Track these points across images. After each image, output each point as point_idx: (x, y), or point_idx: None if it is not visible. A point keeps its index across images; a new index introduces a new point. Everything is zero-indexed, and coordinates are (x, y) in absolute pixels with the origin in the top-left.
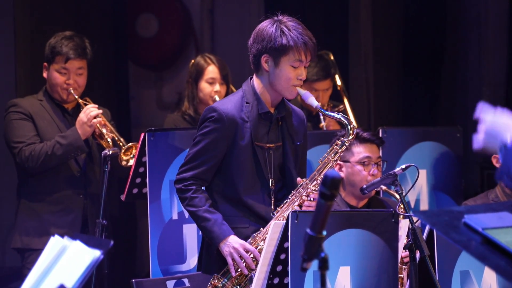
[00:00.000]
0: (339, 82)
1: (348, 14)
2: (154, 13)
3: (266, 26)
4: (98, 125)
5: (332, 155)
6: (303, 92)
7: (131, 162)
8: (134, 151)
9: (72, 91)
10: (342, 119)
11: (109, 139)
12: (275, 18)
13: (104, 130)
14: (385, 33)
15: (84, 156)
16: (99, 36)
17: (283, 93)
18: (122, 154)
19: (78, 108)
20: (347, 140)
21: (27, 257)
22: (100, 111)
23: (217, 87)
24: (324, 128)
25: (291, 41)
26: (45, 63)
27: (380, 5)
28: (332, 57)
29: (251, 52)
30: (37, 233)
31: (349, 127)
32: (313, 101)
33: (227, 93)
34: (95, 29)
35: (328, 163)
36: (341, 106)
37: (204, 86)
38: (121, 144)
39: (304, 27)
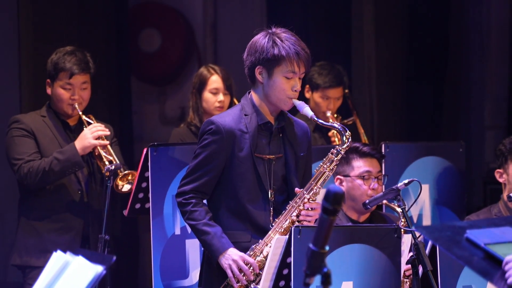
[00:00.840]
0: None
1: (351, 29)
2: (157, 28)
3: (259, 38)
4: (99, 148)
5: (328, 164)
6: (298, 102)
7: (126, 187)
8: (131, 177)
9: (77, 106)
10: (338, 127)
11: (106, 162)
12: (269, 30)
13: (103, 153)
14: (388, 48)
15: (85, 174)
16: (102, 51)
17: (278, 105)
18: (118, 179)
19: (80, 125)
20: (343, 149)
21: (28, 273)
22: (108, 132)
23: (220, 97)
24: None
25: (283, 51)
26: (48, 80)
27: (384, 20)
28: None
29: (246, 65)
30: (36, 250)
31: (344, 135)
32: (308, 111)
33: (231, 104)
34: (98, 44)
35: (324, 172)
36: (351, 119)
37: (207, 96)
38: (118, 170)
39: (297, 38)
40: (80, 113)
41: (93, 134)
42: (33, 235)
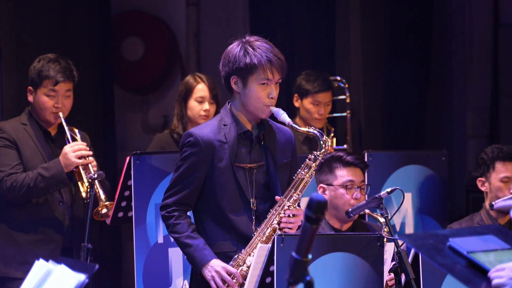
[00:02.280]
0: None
1: (335, 37)
2: (139, 36)
3: (232, 47)
4: (80, 166)
5: (306, 170)
6: (275, 109)
7: (104, 210)
8: (109, 205)
9: (60, 114)
10: (315, 132)
11: (86, 184)
12: (243, 39)
13: (83, 173)
14: (371, 56)
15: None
16: (85, 60)
17: (256, 113)
18: (99, 208)
19: (61, 134)
20: (320, 154)
21: (5, 283)
22: (90, 152)
23: (206, 105)
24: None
25: (254, 59)
26: (30, 87)
27: (368, 28)
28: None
29: (222, 76)
30: (15, 261)
31: (321, 140)
32: (285, 117)
33: (217, 113)
34: (81, 52)
35: (303, 178)
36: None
37: (193, 104)
38: (100, 197)
39: (271, 45)
40: (63, 121)
41: (75, 153)
42: (12, 245)
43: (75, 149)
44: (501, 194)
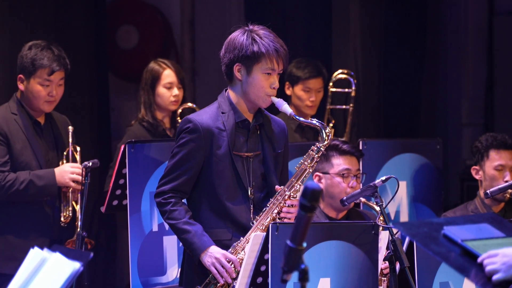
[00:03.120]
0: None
1: (331, 28)
2: (134, 25)
3: (237, 35)
4: (70, 189)
5: (309, 161)
6: (277, 100)
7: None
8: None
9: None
10: (317, 124)
11: (70, 208)
12: (246, 27)
13: (70, 196)
14: (365, 44)
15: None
16: (80, 48)
17: (256, 102)
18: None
19: (49, 123)
20: (323, 145)
21: None
22: (79, 184)
23: (175, 91)
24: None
25: (262, 48)
26: (21, 75)
27: (363, 19)
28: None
29: (224, 62)
30: (3, 257)
31: (324, 132)
32: (287, 108)
33: (184, 98)
34: (75, 41)
35: (305, 169)
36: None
37: (162, 91)
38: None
39: (275, 35)
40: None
41: (73, 176)
42: (0, 241)
43: (74, 172)
44: (495, 182)
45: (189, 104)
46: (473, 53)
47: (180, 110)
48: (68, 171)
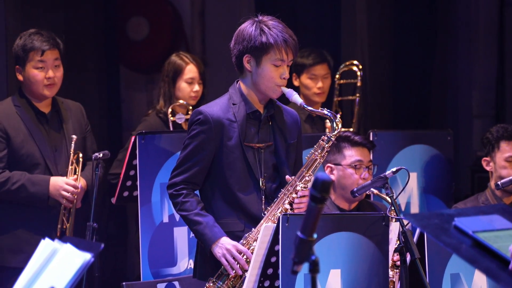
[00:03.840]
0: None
1: (341, 20)
2: (144, 16)
3: (246, 26)
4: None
5: (319, 151)
6: (287, 90)
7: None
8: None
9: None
10: (328, 114)
11: (59, 225)
12: (255, 18)
13: (61, 213)
14: (377, 36)
15: (61, 170)
16: (90, 40)
17: (267, 93)
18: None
19: (56, 111)
20: (333, 135)
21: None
22: (72, 204)
23: (196, 87)
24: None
25: (271, 39)
26: (17, 66)
27: (373, 11)
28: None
29: (233, 54)
30: (11, 250)
31: (334, 122)
32: (297, 98)
33: (203, 93)
34: (86, 32)
35: (316, 159)
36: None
37: (183, 86)
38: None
39: (284, 25)
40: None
41: (65, 194)
42: (6, 234)
43: (67, 190)
44: (506, 173)
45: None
46: (484, 44)
47: (170, 109)
48: (62, 187)
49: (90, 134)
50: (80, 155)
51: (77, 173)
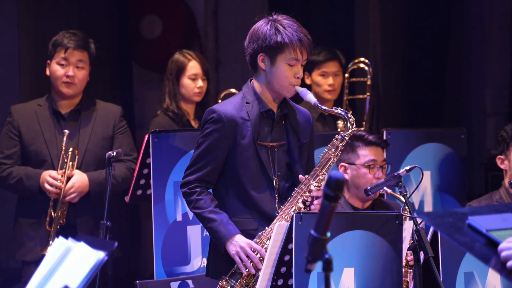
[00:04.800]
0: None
1: (354, 19)
2: (158, 14)
3: (261, 25)
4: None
5: (333, 150)
6: (301, 89)
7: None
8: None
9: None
10: (341, 113)
11: (53, 213)
12: (270, 17)
13: (51, 204)
14: (390, 35)
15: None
16: (104, 38)
17: (281, 92)
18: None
19: (76, 112)
20: (347, 134)
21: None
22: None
23: (200, 83)
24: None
25: (286, 38)
26: (48, 61)
27: (387, 8)
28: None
29: (248, 52)
30: (14, 244)
31: (348, 121)
32: (311, 97)
33: (208, 89)
34: (99, 31)
35: (330, 158)
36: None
37: (186, 82)
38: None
39: (299, 25)
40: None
41: (46, 186)
42: (15, 228)
43: (48, 182)
44: None
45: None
46: (497, 42)
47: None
48: (45, 180)
49: (122, 136)
50: (76, 151)
51: (65, 168)
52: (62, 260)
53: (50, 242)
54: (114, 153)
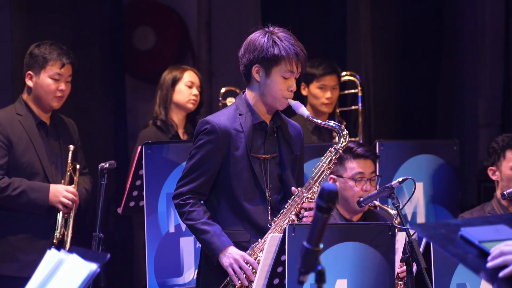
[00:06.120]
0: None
1: (346, 30)
2: (151, 26)
3: (258, 36)
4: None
5: (327, 162)
6: (294, 102)
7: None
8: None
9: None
10: (334, 126)
11: (57, 232)
12: (266, 29)
13: (59, 219)
14: (382, 45)
15: (55, 177)
16: (97, 49)
17: (273, 104)
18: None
19: (54, 124)
20: (341, 147)
21: None
22: (71, 211)
23: (195, 90)
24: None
25: (283, 51)
26: (30, 72)
27: (378, 19)
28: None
29: (242, 63)
30: (5, 259)
31: (341, 134)
32: (304, 111)
33: (201, 101)
34: (92, 42)
35: (323, 170)
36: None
37: (182, 88)
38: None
39: (295, 38)
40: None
41: (64, 200)
42: (2, 243)
43: (67, 197)
44: None
45: None
46: (490, 53)
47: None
48: (61, 194)
49: (81, 150)
50: (77, 166)
51: (74, 183)
52: (54, 272)
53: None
54: (107, 165)
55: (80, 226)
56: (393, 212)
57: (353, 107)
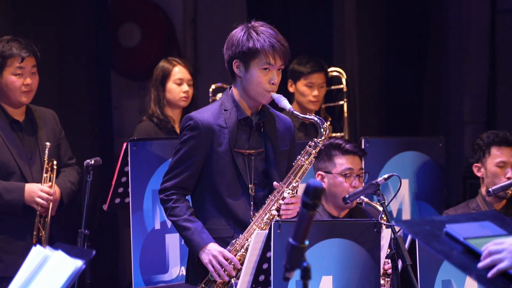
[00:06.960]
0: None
1: (332, 27)
2: (136, 22)
3: (236, 31)
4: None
5: (306, 156)
6: (276, 95)
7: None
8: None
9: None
10: (315, 119)
11: (34, 232)
12: (248, 24)
13: (37, 220)
14: (368, 42)
15: (36, 174)
16: (82, 46)
17: (256, 98)
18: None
19: (29, 120)
20: (320, 141)
21: None
22: (49, 211)
23: (185, 87)
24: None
25: (257, 44)
26: None
27: (365, 16)
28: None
29: (225, 59)
30: None
31: (322, 127)
32: (286, 104)
33: (194, 96)
34: (77, 39)
35: (302, 165)
36: (340, 103)
37: (172, 87)
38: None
39: (275, 31)
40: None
41: (40, 201)
42: None
43: (41, 197)
44: (497, 179)
45: None
46: (475, 51)
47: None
48: (36, 194)
49: (64, 141)
50: (55, 162)
51: (51, 181)
52: (40, 268)
53: None
54: (92, 161)
55: (65, 223)
56: (381, 208)
57: (338, 103)
